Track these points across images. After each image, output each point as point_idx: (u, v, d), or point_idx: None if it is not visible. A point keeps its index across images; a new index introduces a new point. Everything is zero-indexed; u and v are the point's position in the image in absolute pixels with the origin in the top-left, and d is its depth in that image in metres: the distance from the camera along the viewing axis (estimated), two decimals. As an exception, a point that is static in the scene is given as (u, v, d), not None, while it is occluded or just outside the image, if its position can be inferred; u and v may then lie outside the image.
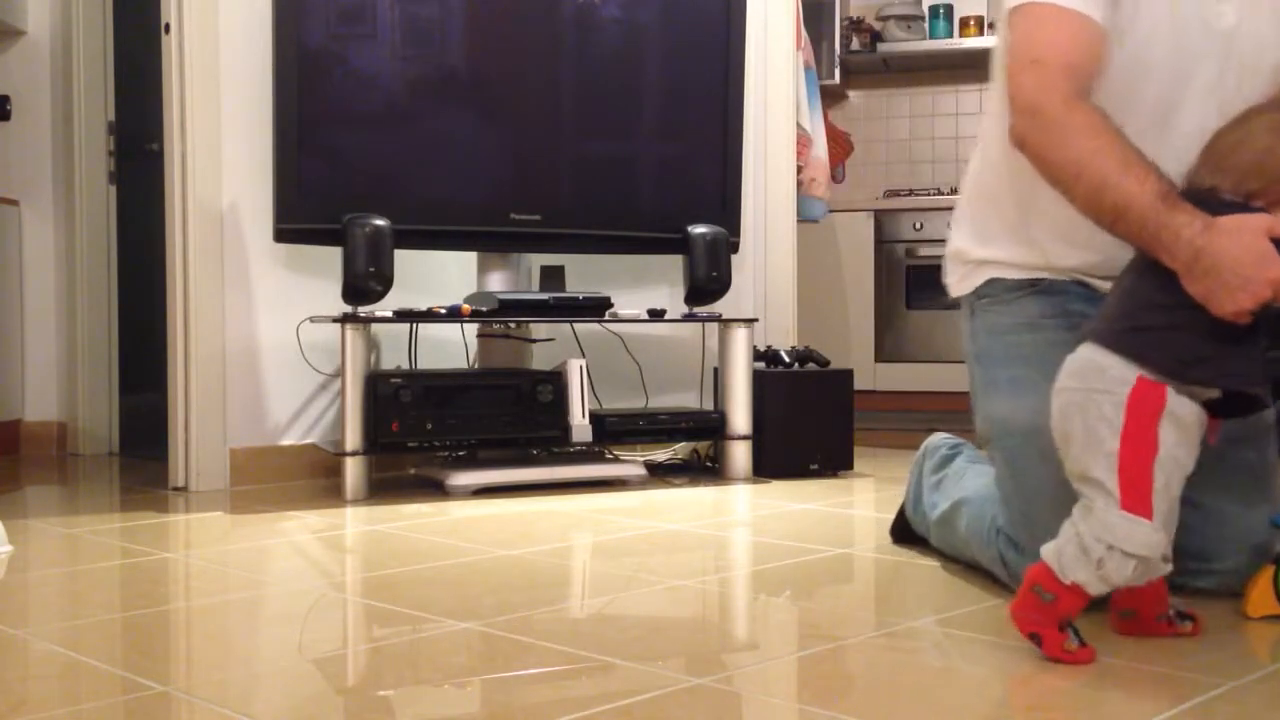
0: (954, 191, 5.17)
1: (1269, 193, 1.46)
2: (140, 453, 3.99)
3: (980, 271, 1.90)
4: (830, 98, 5.56)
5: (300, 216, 2.92)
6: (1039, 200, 1.75)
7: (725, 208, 3.37)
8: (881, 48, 5.36)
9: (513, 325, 3.27)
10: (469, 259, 3.55)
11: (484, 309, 3.03)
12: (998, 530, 1.80)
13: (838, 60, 5.39)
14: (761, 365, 3.39)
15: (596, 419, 3.12)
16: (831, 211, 5.01)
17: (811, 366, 3.40)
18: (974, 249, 1.91)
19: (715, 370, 3.35)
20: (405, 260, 3.42)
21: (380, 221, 2.87)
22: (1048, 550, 1.45)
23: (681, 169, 3.34)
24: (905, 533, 2.22)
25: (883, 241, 5.05)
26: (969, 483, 1.99)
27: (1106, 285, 1.74)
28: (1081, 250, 1.78)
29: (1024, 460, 1.73)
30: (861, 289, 5.07)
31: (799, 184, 4.06)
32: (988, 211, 1.90)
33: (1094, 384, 1.46)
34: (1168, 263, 1.45)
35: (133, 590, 1.91)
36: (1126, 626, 1.54)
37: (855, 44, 5.44)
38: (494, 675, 1.42)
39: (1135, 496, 1.40)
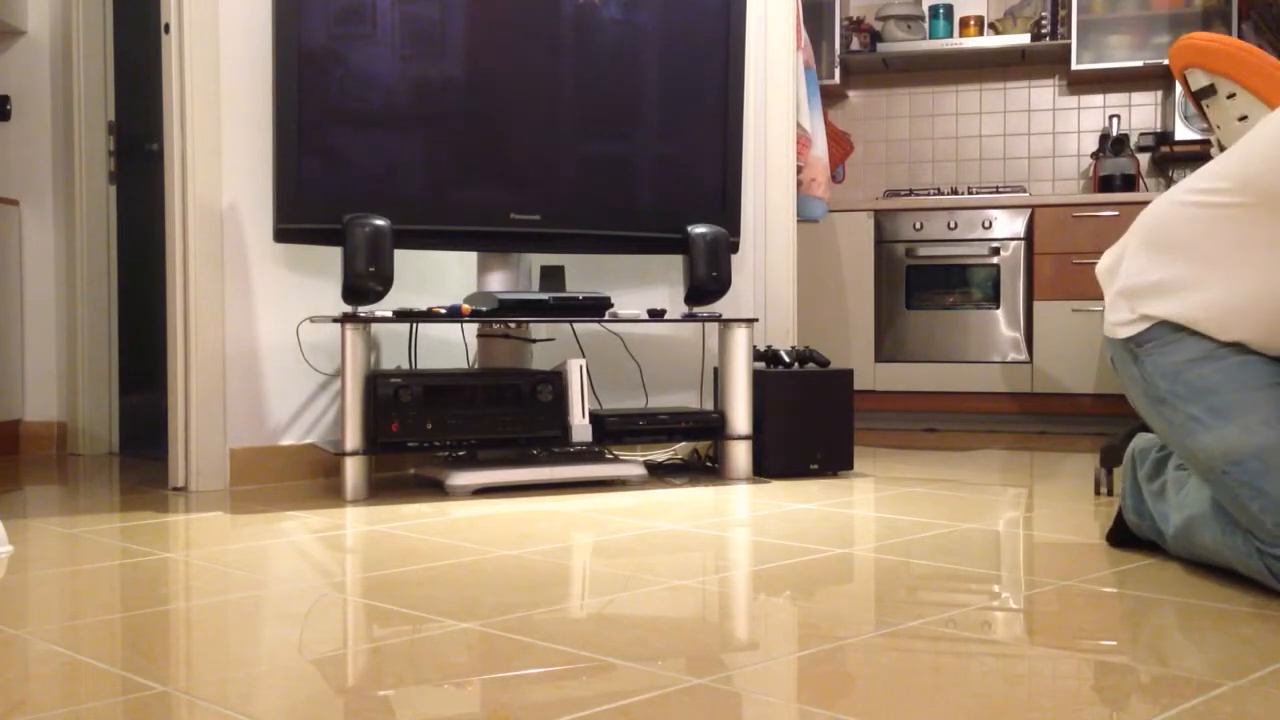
0: (954, 191, 5.17)
1: None
2: (140, 453, 3.99)
3: (1141, 320, 1.94)
4: (830, 98, 5.57)
5: (300, 216, 2.92)
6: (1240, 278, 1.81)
7: (725, 208, 3.37)
8: (881, 48, 5.36)
9: (513, 325, 3.27)
10: (469, 259, 3.56)
11: (484, 309, 3.03)
12: (1259, 551, 1.80)
13: (838, 60, 5.40)
14: (761, 365, 3.39)
15: (596, 419, 3.12)
16: (831, 211, 5.01)
17: (811, 366, 3.40)
18: (1150, 298, 1.93)
19: (715, 370, 3.35)
20: (405, 260, 3.43)
21: (380, 221, 2.87)
22: None
23: (681, 169, 3.34)
24: (1126, 538, 2.23)
25: (882, 241, 5.05)
26: (1200, 495, 1.98)
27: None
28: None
29: (1265, 479, 1.76)
30: (861, 289, 5.07)
31: (799, 184, 4.06)
32: (1172, 267, 1.92)
33: None
34: None
35: (133, 590, 1.91)
36: None
37: (855, 44, 5.44)
38: (494, 675, 1.42)
39: None
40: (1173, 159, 5.11)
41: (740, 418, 3.23)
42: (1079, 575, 1.97)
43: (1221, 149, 2.60)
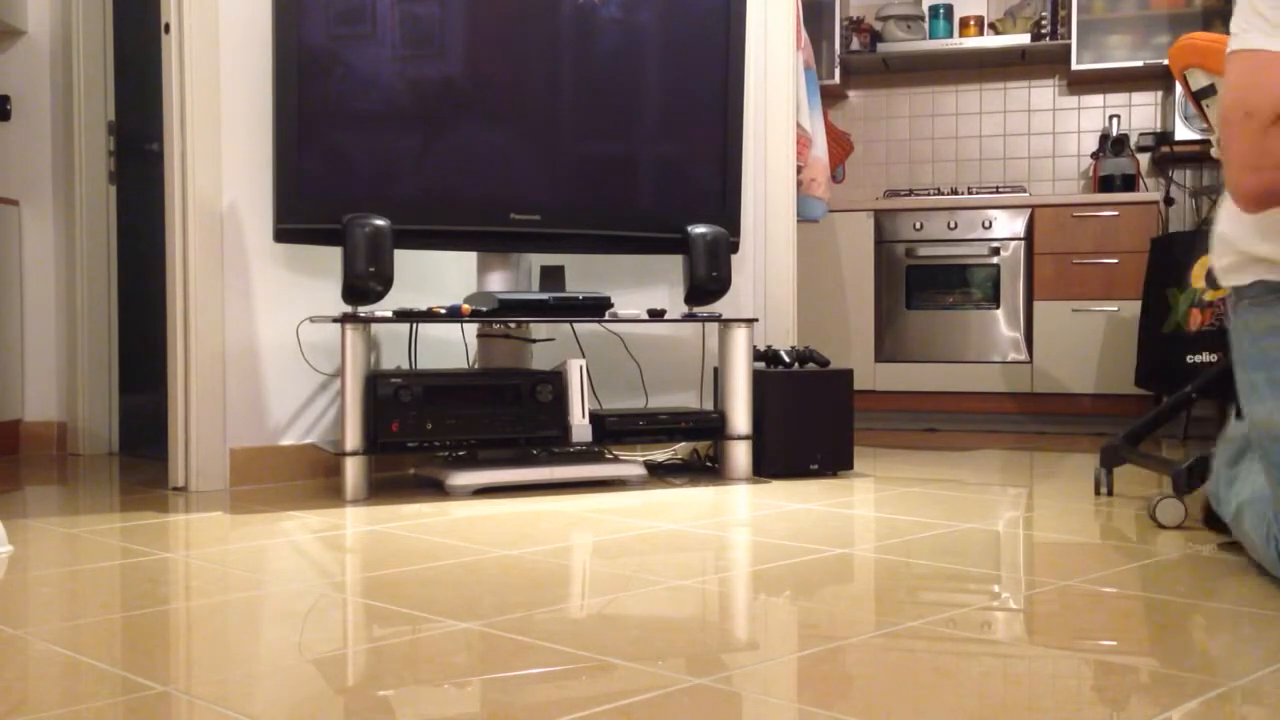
0: (954, 191, 5.17)
1: None
2: (140, 453, 3.99)
3: (1247, 270, 1.89)
4: (830, 98, 5.57)
5: (300, 216, 2.92)
6: None
7: (725, 208, 3.37)
8: (881, 48, 5.36)
9: (513, 325, 3.27)
10: (469, 259, 3.56)
11: (484, 309, 3.03)
12: (1273, 538, 1.80)
13: (838, 60, 5.40)
14: (761, 365, 3.39)
15: (596, 419, 3.12)
16: (831, 211, 5.01)
17: (811, 366, 3.40)
18: (1244, 239, 1.88)
19: (715, 370, 3.35)
20: (405, 260, 3.43)
21: (380, 221, 2.87)
22: None
23: (681, 169, 3.34)
24: (1215, 520, 2.24)
25: (882, 241, 5.05)
26: (1250, 482, 1.98)
27: None
28: None
29: None
30: (861, 289, 5.07)
31: (799, 184, 4.06)
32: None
33: None
34: None
35: (133, 590, 1.91)
36: None
37: (855, 44, 5.44)
38: (494, 675, 1.42)
39: None
40: (1173, 159, 5.11)
41: (740, 418, 3.23)
42: (1079, 575, 1.97)
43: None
